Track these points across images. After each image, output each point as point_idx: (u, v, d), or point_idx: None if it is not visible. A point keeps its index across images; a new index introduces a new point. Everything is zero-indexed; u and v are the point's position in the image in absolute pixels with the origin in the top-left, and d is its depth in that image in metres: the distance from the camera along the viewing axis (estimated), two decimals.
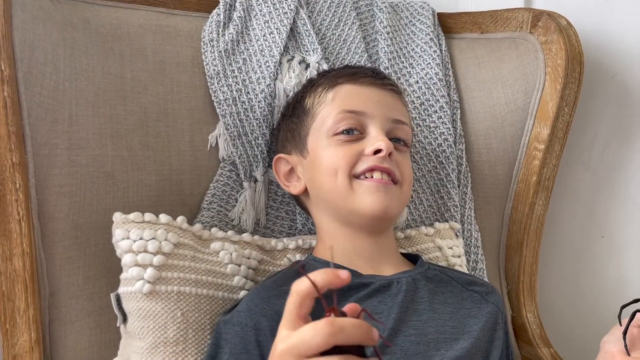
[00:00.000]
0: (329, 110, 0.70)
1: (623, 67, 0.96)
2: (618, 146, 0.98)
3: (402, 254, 0.75)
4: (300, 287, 0.41)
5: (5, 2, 0.60)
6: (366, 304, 0.62)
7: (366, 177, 0.66)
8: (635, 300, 0.57)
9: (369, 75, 0.72)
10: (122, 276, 0.64)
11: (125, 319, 0.64)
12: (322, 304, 0.39)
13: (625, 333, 0.56)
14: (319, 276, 0.40)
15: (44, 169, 0.67)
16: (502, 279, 0.92)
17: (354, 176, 0.67)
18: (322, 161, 0.68)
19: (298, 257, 0.74)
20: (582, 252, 1.00)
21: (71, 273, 0.69)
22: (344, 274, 0.40)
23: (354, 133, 0.68)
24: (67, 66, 0.70)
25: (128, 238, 0.64)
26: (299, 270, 0.40)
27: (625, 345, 0.55)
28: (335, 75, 0.73)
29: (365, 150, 0.67)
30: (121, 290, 0.64)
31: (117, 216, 0.66)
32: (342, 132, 0.68)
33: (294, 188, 0.73)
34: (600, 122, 0.98)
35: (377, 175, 0.66)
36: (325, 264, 0.67)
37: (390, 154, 0.67)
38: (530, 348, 0.88)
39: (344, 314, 0.40)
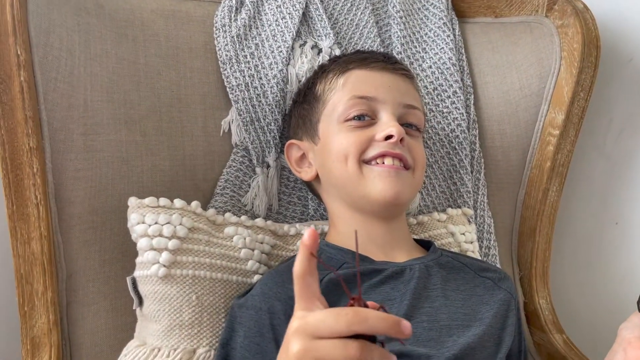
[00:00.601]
0: (339, 96, 0.70)
1: (639, 51, 0.94)
2: (633, 131, 0.97)
3: (414, 240, 0.75)
4: (295, 269, 0.42)
5: None
6: (379, 290, 0.62)
7: (377, 163, 0.66)
8: None
9: (380, 60, 0.72)
10: (138, 260, 0.65)
11: (141, 302, 0.65)
12: (346, 293, 0.40)
13: None
14: (302, 254, 0.42)
15: (61, 154, 0.68)
16: (514, 265, 0.92)
17: (364, 162, 0.67)
18: (333, 147, 0.68)
19: None
20: (595, 239, 1.00)
21: (88, 256, 0.70)
22: (310, 232, 0.42)
23: (365, 119, 0.68)
24: (81, 52, 0.71)
25: (143, 222, 0.65)
26: (309, 255, 0.41)
27: None
28: (346, 61, 0.73)
29: (377, 135, 0.67)
30: (137, 273, 0.65)
31: (132, 201, 0.67)
32: (353, 118, 0.68)
33: (306, 174, 0.74)
34: (616, 107, 0.97)
35: (388, 161, 0.66)
36: (337, 249, 0.67)
37: (402, 140, 0.66)
38: (542, 334, 0.88)
39: (366, 305, 0.40)
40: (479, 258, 0.81)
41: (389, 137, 0.66)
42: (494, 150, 0.90)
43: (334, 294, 0.59)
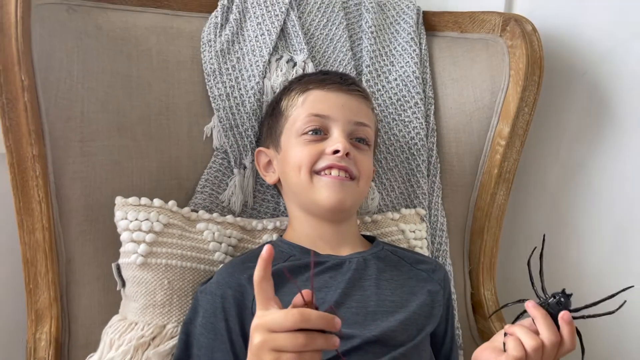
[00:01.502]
0: (299, 112, 0.81)
1: (593, 66, 1.02)
2: (586, 140, 1.05)
3: (364, 236, 0.86)
4: (254, 277, 0.54)
5: (24, 22, 0.72)
6: (319, 278, 0.74)
7: (325, 174, 0.77)
8: (520, 301, 0.66)
9: (337, 82, 0.82)
10: (121, 249, 0.78)
11: (124, 284, 0.78)
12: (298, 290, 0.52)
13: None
14: (259, 265, 0.54)
15: (61, 159, 0.79)
16: (465, 260, 1.02)
17: (315, 172, 0.77)
18: (290, 158, 0.79)
19: (275, 236, 0.86)
20: (547, 242, 1.08)
21: (84, 244, 0.82)
22: (266, 250, 0.54)
23: (319, 134, 0.79)
24: (79, 70, 0.82)
25: (126, 219, 0.77)
26: (265, 266, 0.53)
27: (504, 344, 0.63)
28: (307, 82, 0.83)
29: (326, 149, 0.77)
30: (120, 261, 0.78)
31: (118, 200, 0.79)
32: (307, 132, 0.79)
33: (270, 178, 0.85)
34: (570, 117, 1.05)
35: (334, 172, 0.76)
36: (288, 244, 0.79)
37: (347, 154, 0.77)
38: (485, 322, 0.98)
39: (316, 308, 0.52)
40: (423, 253, 0.91)
41: (336, 152, 0.77)
42: (450, 157, 1.00)
43: (276, 282, 0.71)
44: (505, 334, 0.65)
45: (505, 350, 0.63)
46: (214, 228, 0.81)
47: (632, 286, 0.64)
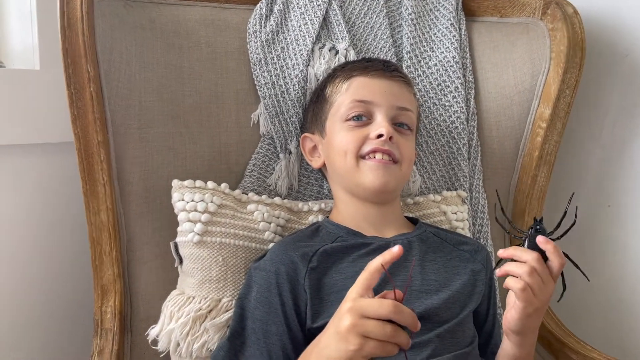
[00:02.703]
0: (343, 98, 0.84)
1: (635, 48, 1.01)
2: (627, 122, 1.04)
3: (407, 217, 0.89)
4: (373, 264, 0.57)
5: (89, 18, 0.78)
6: (365, 260, 0.76)
7: (370, 157, 0.80)
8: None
9: (380, 69, 0.85)
10: (178, 229, 0.83)
11: (181, 261, 0.83)
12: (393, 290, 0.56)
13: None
14: (383, 258, 0.56)
15: (121, 145, 0.85)
16: (506, 241, 1.04)
17: (360, 156, 0.81)
18: (335, 143, 0.83)
19: (320, 217, 0.90)
20: (589, 219, 1.09)
21: (143, 224, 0.88)
22: (395, 249, 0.56)
23: (363, 119, 0.82)
24: (137, 61, 0.88)
25: (182, 200, 0.82)
26: (381, 266, 0.56)
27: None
28: (351, 69, 0.86)
29: (370, 134, 0.80)
30: (178, 239, 0.83)
31: (175, 182, 0.84)
32: (352, 118, 0.82)
33: (315, 162, 0.89)
34: (611, 99, 1.05)
35: (378, 156, 0.80)
36: (335, 225, 0.83)
37: (391, 138, 0.80)
38: None
39: (401, 300, 0.56)
40: (465, 234, 0.94)
41: (380, 136, 0.80)
42: (490, 140, 1.02)
43: (326, 261, 0.75)
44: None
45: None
46: (264, 209, 0.85)
47: None
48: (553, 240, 0.69)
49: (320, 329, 0.71)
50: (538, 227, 0.70)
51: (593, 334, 1.02)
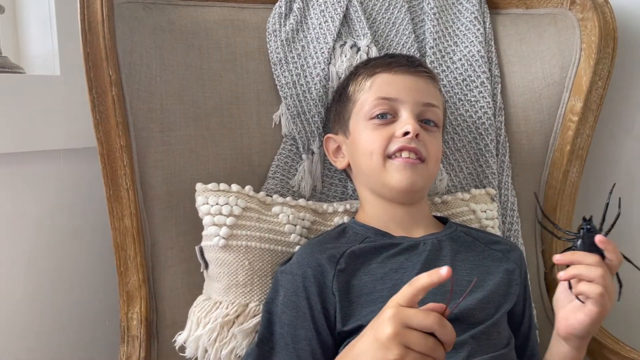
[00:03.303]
0: (366, 96, 0.82)
1: None
2: None
3: (436, 217, 0.87)
4: (420, 281, 0.55)
5: (109, 21, 0.77)
6: (394, 260, 0.75)
7: (397, 157, 0.78)
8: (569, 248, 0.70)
9: (404, 64, 0.82)
10: (203, 233, 0.81)
11: (206, 266, 0.82)
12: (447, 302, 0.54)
13: None
14: (430, 278, 0.54)
15: (144, 149, 0.84)
16: (537, 239, 1.01)
17: (387, 156, 0.78)
18: (360, 143, 0.81)
19: (346, 219, 0.88)
20: (621, 216, 1.05)
21: (166, 229, 0.87)
22: (444, 271, 0.54)
23: (387, 117, 0.80)
24: (157, 64, 0.87)
25: (207, 203, 0.81)
26: (435, 283, 0.53)
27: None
28: (374, 65, 0.84)
29: (396, 132, 0.78)
30: (203, 243, 0.81)
31: (199, 186, 0.83)
32: (376, 117, 0.80)
33: (340, 163, 0.87)
34: None
35: (405, 154, 0.77)
36: (362, 226, 0.81)
37: (417, 135, 0.77)
38: None
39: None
40: (495, 233, 0.91)
41: (406, 133, 0.78)
42: (518, 135, 0.99)
43: (354, 262, 0.74)
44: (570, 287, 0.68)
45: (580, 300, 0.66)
46: (289, 211, 0.84)
47: None
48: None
49: (351, 332, 0.69)
50: (589, 226, 0.67)
51: (632, 334, 0.98)
